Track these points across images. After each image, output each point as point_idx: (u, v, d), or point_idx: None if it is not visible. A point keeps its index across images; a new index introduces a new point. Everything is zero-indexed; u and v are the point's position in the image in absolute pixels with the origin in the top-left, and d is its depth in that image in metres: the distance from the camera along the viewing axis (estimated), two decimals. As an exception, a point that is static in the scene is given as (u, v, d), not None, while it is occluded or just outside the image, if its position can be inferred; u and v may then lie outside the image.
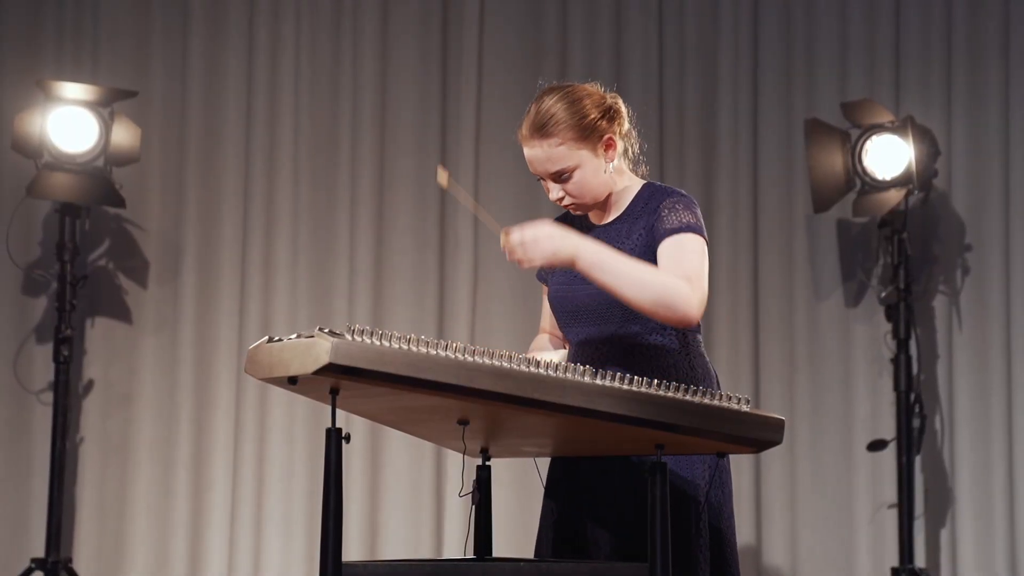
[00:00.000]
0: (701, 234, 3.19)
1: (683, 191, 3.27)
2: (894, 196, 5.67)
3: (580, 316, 3.25)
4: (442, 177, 3.13)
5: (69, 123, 5.62)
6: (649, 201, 3.25)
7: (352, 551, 5.74)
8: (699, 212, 3.23)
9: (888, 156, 5.70)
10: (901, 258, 5.68)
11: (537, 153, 3.23)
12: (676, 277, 3.10)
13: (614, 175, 3.28)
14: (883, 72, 5.93)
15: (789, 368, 5.92)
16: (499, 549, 3.41)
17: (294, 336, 2.76)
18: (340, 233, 5.98)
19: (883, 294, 5.78)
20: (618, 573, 2.95)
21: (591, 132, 3.22)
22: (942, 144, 5.79)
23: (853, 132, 5.78)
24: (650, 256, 3.19)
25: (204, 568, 5.82)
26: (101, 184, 5.66)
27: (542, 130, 3.21)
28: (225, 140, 6.00)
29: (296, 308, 5.94)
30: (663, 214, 3.19)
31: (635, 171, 3.35)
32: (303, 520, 5.85)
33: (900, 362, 5.68)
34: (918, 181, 5.67)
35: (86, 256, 5.90)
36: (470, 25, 6.04)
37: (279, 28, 6.02)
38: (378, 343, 2.71)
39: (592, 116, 3.23)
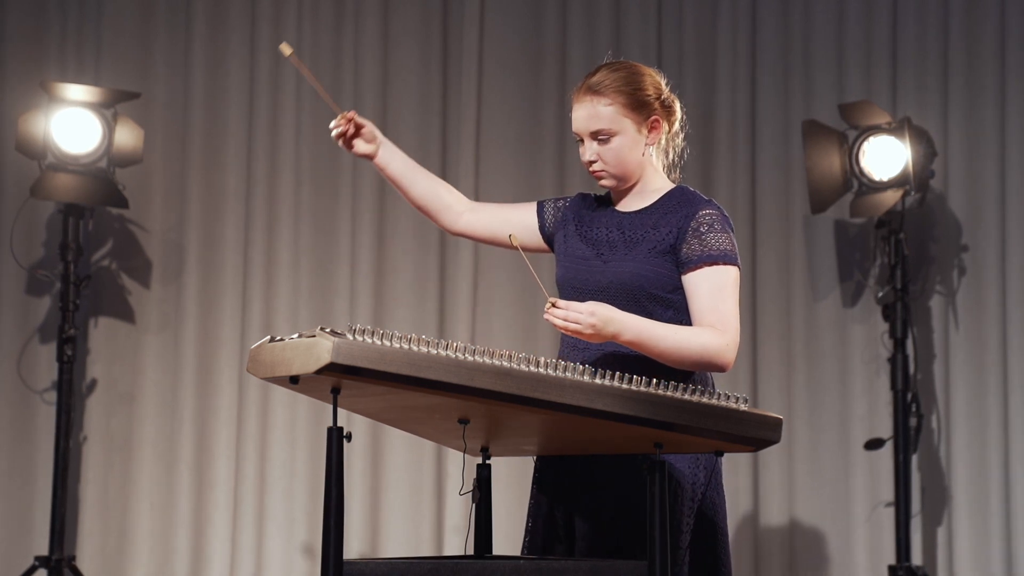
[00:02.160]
0: (735, 262, 3.30)
1: (717, 203, 3.34)
2: (891, 197, 5.69)
3: (586, 298, 3.27)
4: (286, 50, 3.17)
5: (72, 124, 5.64)
6: (682, 202, 3.33)
7: (353, 549, 5.76)
8: (732, 229, 3.32)
9: (885, 157, 5.71)
10: (898, 258, 5.70)
11: (584, 110, 3.30)
12: (709, 331, 3.23)
13: (648, 164, 3.34)
14: (880, 74, 5.95)
15: (787, 367, 5.94)
16: (499, 547, 3.43)
17: (296, 336, 2.78)
18: (341, 233, 6.00)
19: (880, 294, 5.79)
20: (618, 571, 2.96)
21: (641, 106, 3.30)
22: (939, 145, 5.81)
23: (850, 133, 5.80)
24: (671, 254, 3.26)
25: (206, 566, 5.84)
26: (104, 185, 5.68)
27: (595, 87, 3.29)
28: (227, 141, 6.02)
29: (298, 308, 5.96)
30: (702, 230, 3.27)
31: (669, 173, 3.42)
32: (304, 518, 5.87)
33: (897, 361, 5.70)
34: (915, 182, 5.68)
35: (89, 256, 5.92)
36: (470, 27, 6.05)
37: (280, 30, 6.04)
38: (379, 343, 2.73)
39: (647, 92, 3.31)
